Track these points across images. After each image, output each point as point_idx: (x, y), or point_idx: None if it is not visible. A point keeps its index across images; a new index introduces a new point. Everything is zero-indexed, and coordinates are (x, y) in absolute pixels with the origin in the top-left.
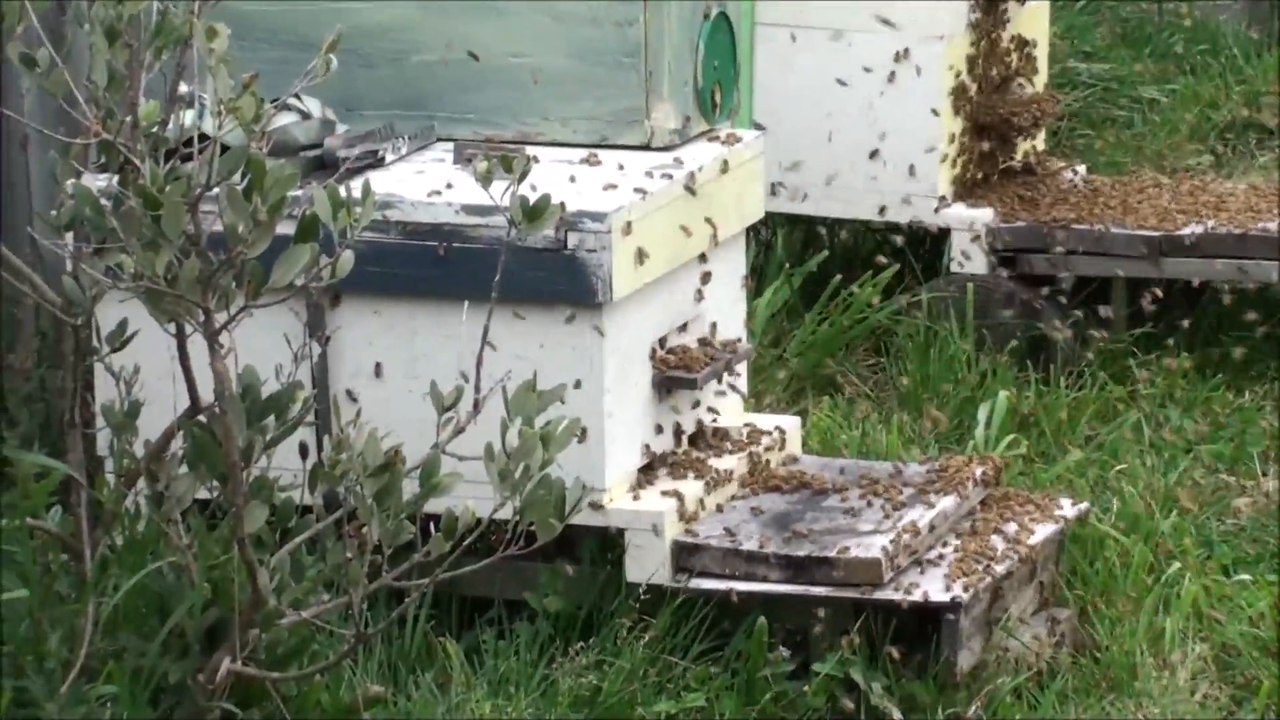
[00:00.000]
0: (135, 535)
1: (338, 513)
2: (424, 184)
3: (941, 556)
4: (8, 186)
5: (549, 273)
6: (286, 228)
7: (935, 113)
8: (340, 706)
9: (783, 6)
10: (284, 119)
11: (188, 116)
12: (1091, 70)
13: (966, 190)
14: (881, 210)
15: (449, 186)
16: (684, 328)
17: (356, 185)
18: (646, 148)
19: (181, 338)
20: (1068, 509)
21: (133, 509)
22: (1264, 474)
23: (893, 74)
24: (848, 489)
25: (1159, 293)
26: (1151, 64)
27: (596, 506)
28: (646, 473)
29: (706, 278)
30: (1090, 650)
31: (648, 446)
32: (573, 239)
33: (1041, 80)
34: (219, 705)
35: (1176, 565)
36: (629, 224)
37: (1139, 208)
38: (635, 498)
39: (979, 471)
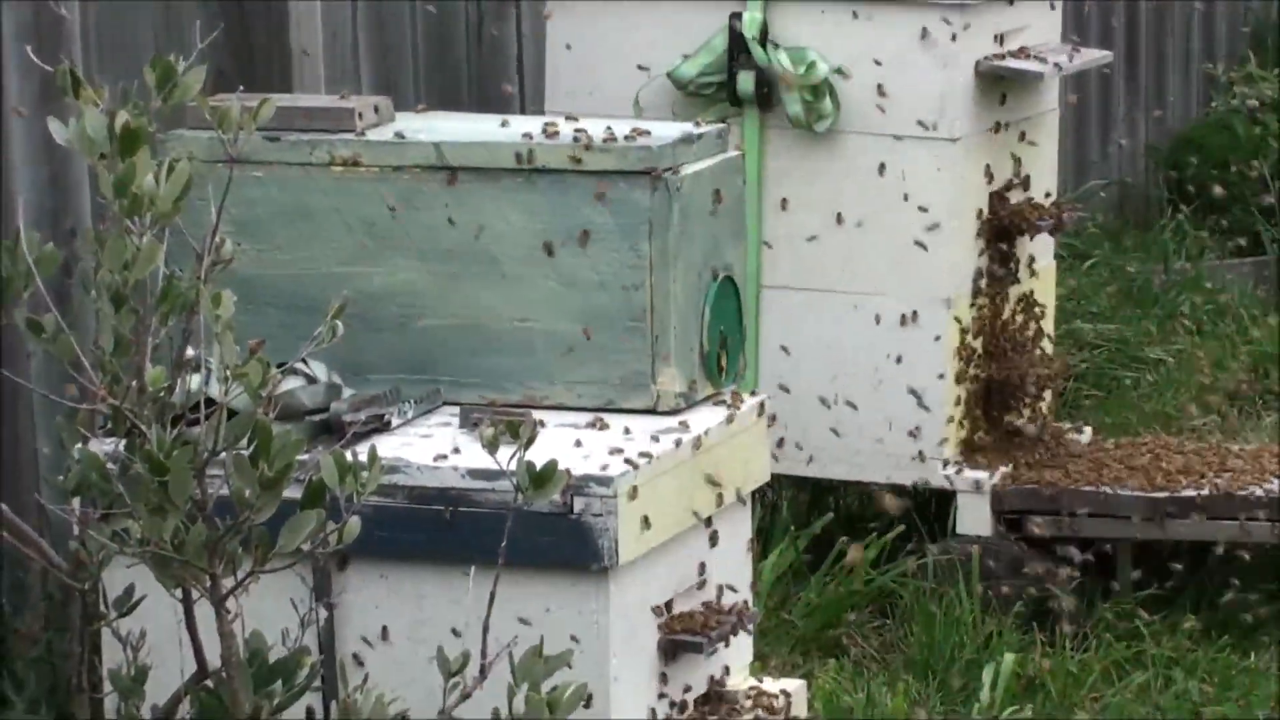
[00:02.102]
0: None
1: None
2: (430, 448)
3: None
4: (12, 450)
5: (555, 537)
6: (293, 492)
7: (941, 376)
8: None
9: (787, 270)
10: (290, 383)
11: (194, 381)
12: (1098, 330)
13: (972, 452)
14: (888, 472)
15: (455, 451)
16: (689, 591)
17: (363, 450)
18: (653, 411)
19: (188, 603)
20: None
21: None
22: None
23: (897, 337)
24: None
25: (1177, 566)
26: (1156, 325)
27: None
28: None
29: (713, 541)
30: None
31: (654, 711)
32: (579, 503)
33: (1049, 342)
34: None
35: None
36: (635, 488)
37: (1144, 469)
38: None
39: None
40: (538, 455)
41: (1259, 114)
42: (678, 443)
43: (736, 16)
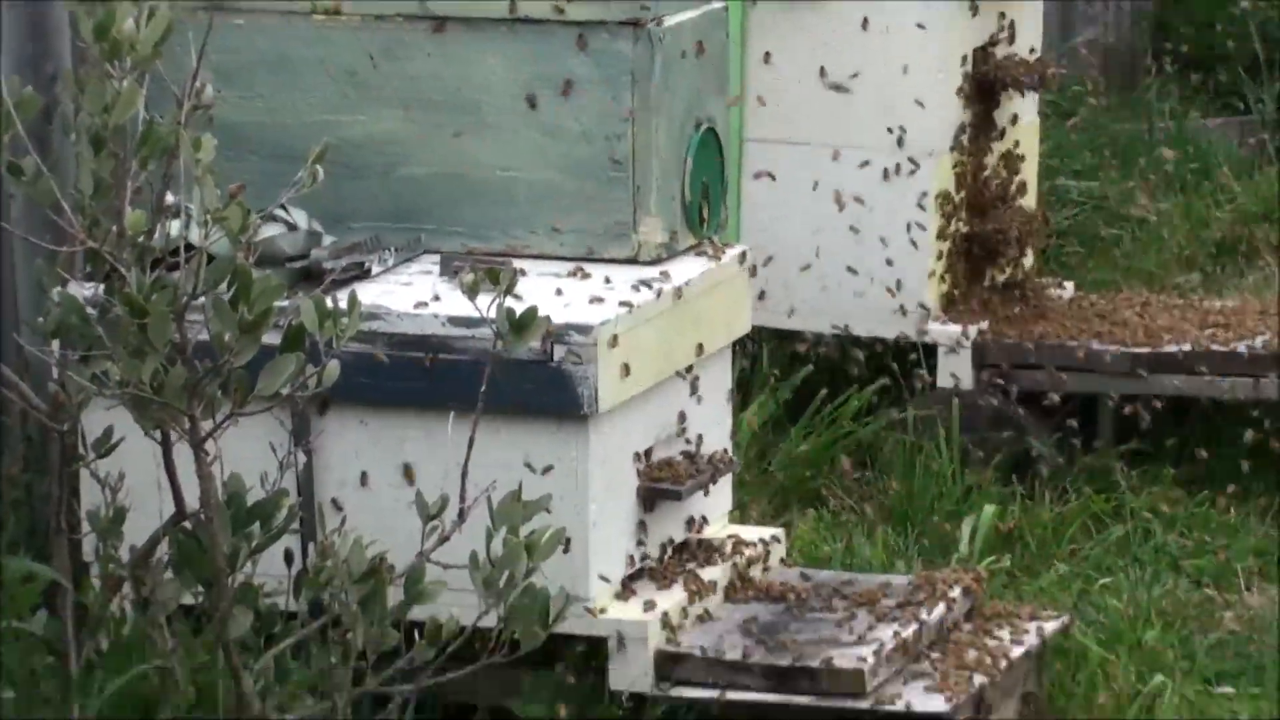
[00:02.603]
0: (120, 640)
1: (322, 619)
2: (410, 296)
3: (925, 668)
4: None
5: (535, 384)
6: (272, 338)
7: (923, 228)
8: None
9: (770, 122)
10: (270, 230)
11: (174, 226)
12: (1081, 188)
13: (954, 306)
14: (869, 325)
15: (436, 298)
16: (669, 439)
17: (343, 296)
18: (634, 261)
19: (167, 445)
20: (1051, 622)
21: (118, 614)
22: (1248, 588)
23: (879, 191)
24: (832, 600)
25: (1143, 412)
26: (1141, 182)
27: (581, 614)
28: (630, 583)
29: (693, 390)
30: None
31: (632, 557)
32: (559, 351)
33: (1031, 198)
34: None
35: (1159, 678)
36: (615, 337)
37: (1126, 324)
38: (619, 607)
39: (963, 585)
40: (518, 303)
41: None
42: (659, 292)
43: None
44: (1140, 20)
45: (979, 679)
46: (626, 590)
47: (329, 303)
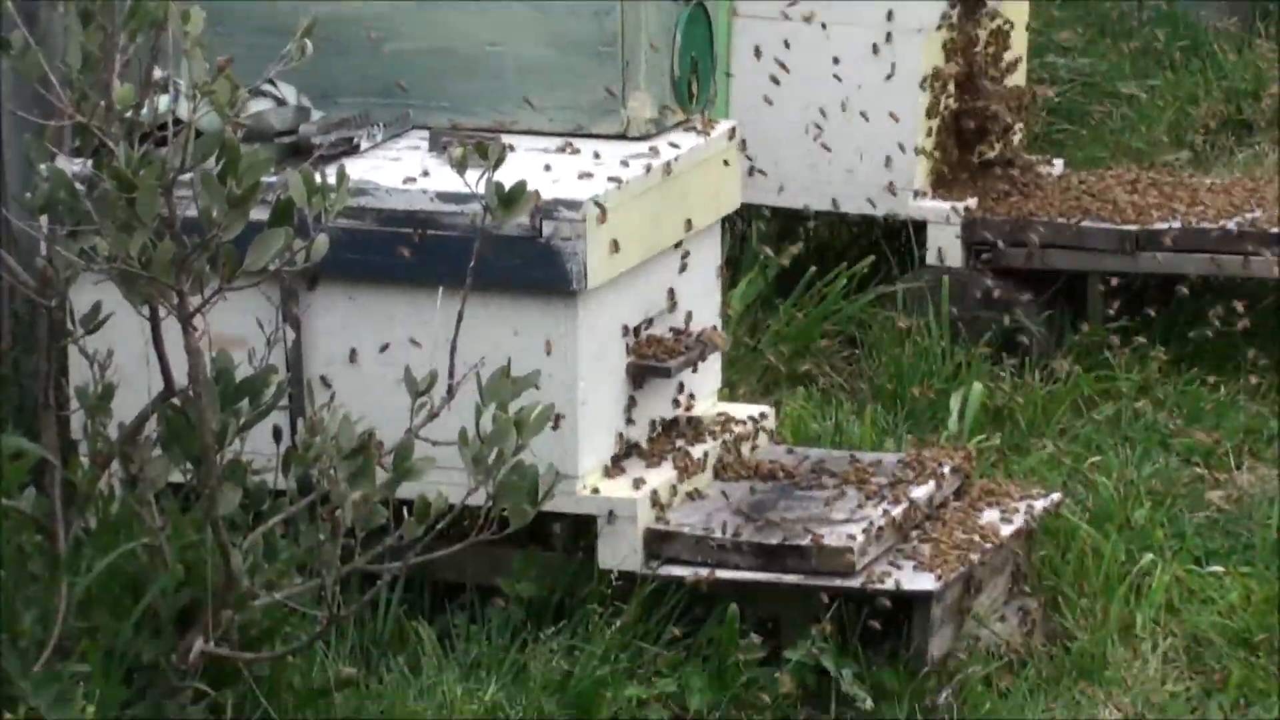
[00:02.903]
0: (109, 517)
1: (311, 496)
2: (399, 171)
3: (914, 546)
4: None
5: (524, 260)
6: (261, 214)
7: (913, 105)
8: (312, 688)
9: None
10: (259, 105)
11: (163, 101)
12: (1070, 65)
13: (943, 184)
14: (859, 202)
15: (425, 174)
16: (659, 317)
17: (331, 171)
18: (623, 137)
19: (155, 321)
20: (1040, 500)
21: (107, 491)
22: (1238, 467)
23: (869, 67)
24: (821, 479)
25: (1112, 282)
26: (1131, 59)
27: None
28: (620, 460)
29: (682, 267)
30: (1061, 640)
31: (621, 434)
32: (547, 227)
33: (1020, 75)
34: (191, 685)
35: (1148, 556)
36: (604, 212)
37: (1115, 202)
38: (608, 485)
39: (952, 463)
40: (506, 177)
41: None
42: (648, 168)
43: None
44: None
45: (968, 558)
46: (616, 468)
47: (317, 177)
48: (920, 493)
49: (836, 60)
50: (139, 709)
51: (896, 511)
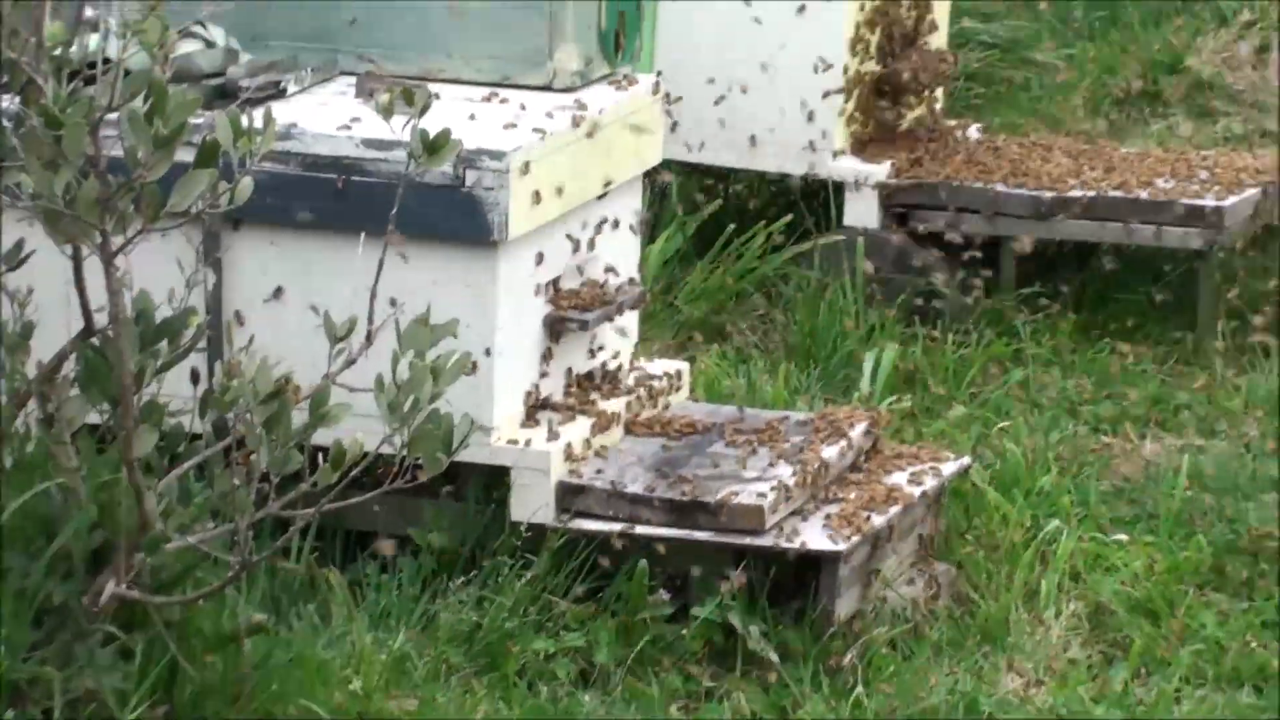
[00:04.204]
0: (24, 456)
1: (226, 440)
2: (325, 116)
3: (823, 506)
4: None
5: (446, 209)
6: (186, 155)
7: (831, 66)
8: (222, 633)
9: None
10: (188, 46)
11: (93, 40)
12: (990, 31)
13: (862, 145)
14: (779, 162)
15: (354, 120)
16: (578, 269)
17: (258, 115)
18: (548, 89)
19: (78, 259)
20: (949, 464)
21: (22, 430)
22: (1143, 436)
23: (792, 28)
24: (733, 437)
25: (1026, 248)
26: (1049, 28)
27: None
28: (534, 412)
29: (602, 221)
30: (966, 604)
31: (537, 386)
32: (470, 176)
33: (941, 39)
34: (102, 628)
35: (1054, 523)
36: (527, 164)
37: (1031, 169)
38: (522, 437)
39: (863, 424)
40: (432, 125)
41: None
42: (573, 120)
43: None
44: None
45: (876, 519)
46: (530, 420)
47: (244, 120)
48: (831, 453)
49: (759, 21)
50: (47, 651)
51: (807, 471)
